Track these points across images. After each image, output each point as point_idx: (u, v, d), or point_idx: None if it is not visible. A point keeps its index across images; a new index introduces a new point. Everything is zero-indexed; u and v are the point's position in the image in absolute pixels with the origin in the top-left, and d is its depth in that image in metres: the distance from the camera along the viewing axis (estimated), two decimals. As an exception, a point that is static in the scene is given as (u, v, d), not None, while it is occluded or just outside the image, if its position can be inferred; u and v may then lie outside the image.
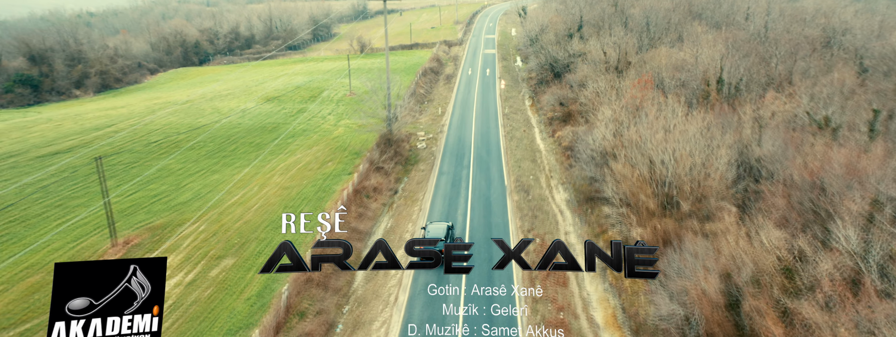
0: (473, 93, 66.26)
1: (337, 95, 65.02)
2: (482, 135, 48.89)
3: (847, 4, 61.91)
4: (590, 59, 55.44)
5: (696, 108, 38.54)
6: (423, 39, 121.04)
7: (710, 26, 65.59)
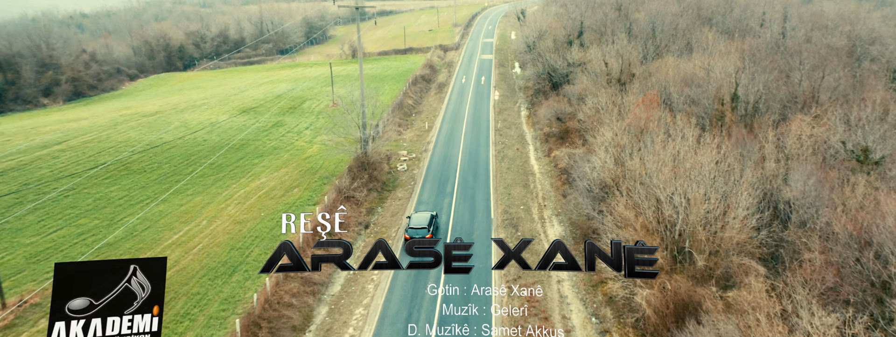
0: (465, 104, 61.85)
1: (319, 106, 60.70)
2: (471, 154, 44.48)
3: (871, 9, 57.21)
4: (590, 70, 50.97)
5: (710, 131, 34.09)
6: (419, 43, 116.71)
7: (720, 33, 61.04)
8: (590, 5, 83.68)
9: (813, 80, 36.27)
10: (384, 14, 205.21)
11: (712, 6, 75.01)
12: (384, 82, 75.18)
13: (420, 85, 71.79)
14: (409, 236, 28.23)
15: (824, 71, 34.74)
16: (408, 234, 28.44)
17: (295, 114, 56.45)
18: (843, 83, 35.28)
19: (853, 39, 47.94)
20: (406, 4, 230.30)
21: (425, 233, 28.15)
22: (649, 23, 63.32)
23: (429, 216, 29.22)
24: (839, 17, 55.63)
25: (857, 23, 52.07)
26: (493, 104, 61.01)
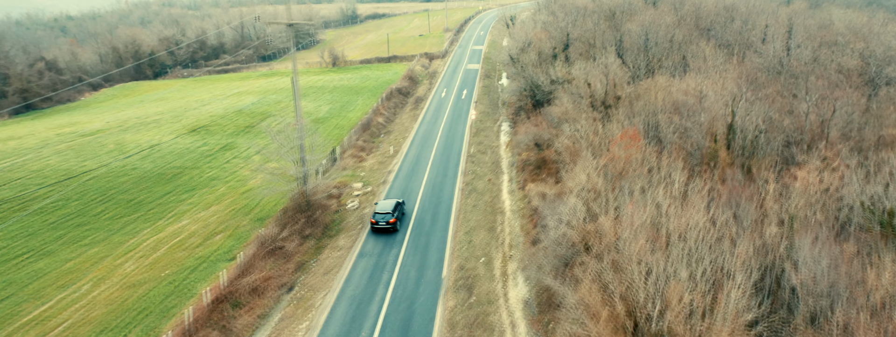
0: (440, 123, 56.87)
1: (281, 124, 55.66)
2: (434, 187, 39.49)
3: (885, 22, 52.02)
4: (572, 91, 45.99)
5: (700, 175, 29.11)
6: (405, 51, 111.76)
7: (719, 46, 56.09)
8: (581, 13, 78.76)
9: (821, 112, 31.29)
10: (377, 17, 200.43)
11: (712, 15, 70.06)
12: (359, 95, 70.24)
13: (395, 100, 66.82)
14: (375, 221, 31.70)
15: (835, 104, 29.75)
16: (374, 218, 31.84)
17: (250, 134, 51.48)
18: (856, 117, 30.30)
19: (866, 58, 42.94)
20: (401, 7, 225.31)
21: (390, 217, 31.74)
22: (642, 35, 58.37)
23: (394, 203, 32.95)
24: (849, 30, 50.61)
25: (870, 38, 47.07)
26: (469, 124, 56.01)
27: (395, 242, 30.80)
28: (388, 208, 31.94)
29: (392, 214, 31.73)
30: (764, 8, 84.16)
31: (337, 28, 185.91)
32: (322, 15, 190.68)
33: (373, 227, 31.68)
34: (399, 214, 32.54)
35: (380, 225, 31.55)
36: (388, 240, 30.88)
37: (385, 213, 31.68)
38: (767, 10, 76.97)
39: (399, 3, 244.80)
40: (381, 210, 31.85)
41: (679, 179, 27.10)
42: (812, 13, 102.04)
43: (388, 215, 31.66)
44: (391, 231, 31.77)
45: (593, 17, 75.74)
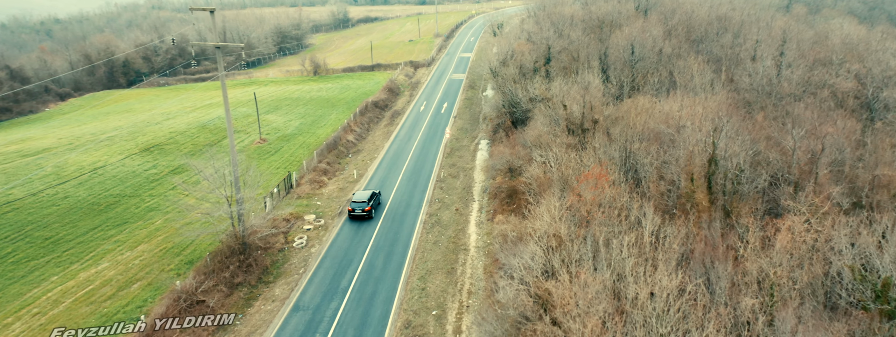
0: (413, 142, 53.69)
1: (245, 141, 52.55)
2: (395, 220, 36.29)
3: (884, 37, 48.75)
4: (548, 113, 42.79)
5: (675, 220, 25.91)
6: (391, 58, 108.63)
7: (709, 61, 52.87)
8: (568, 22, 75.61)
9: (811, 146, 28.08)
10: (369, 21, 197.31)
11: (704, 24, 66.78)
12: (334, 108, 67.05)
13: (371, 114, 63.63)
14: (352, 209, 35.75)
15: (824, 141, 26.56)
16: (350, 207, 35.90)
17: (208, 153, 48.15)
18: (848, 154, 27.11)
19: (863, 80, 39.75)
20: (394, 10, 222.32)
21: (365, 206, 35.73)
22: (628, 48, 55.22)
23: (370, 193, 37.00)
24: (845, 46, 47.41)
25: (867, 56, 43.83)
26: (444, 144, 52.78)
27: (337, 291, 27.57)
28: (364, 198, 36.30)
29: (367, 203, 35.96)
30: (760, 16, 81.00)
31: (328, 32, 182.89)
32: (312, 18, 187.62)
33: (350, 214, 35.91)
34: (374, 203, 36.78)
35: (356, 213, 35.72)
36: (329, 291, 27.61)
37: (361, 201, 35.98)
38: (762, 20, 73.80)
39: (393, 6, 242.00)
40: (358, 199, 36.13)
41: (649, 229, 23.92)
42: (810, 21, 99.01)
43: (363, 204, 35.94)
44: (366, 219, 35.88)
45: (580, 27, 72.63)
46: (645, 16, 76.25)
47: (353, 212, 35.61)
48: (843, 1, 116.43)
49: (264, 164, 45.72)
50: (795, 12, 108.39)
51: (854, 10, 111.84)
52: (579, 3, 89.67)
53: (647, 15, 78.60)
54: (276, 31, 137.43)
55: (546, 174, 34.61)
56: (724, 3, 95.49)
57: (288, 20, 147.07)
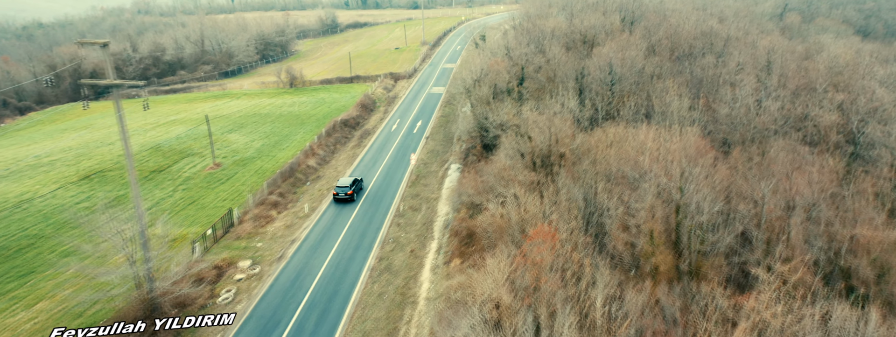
0: (379, 167, 50.49)
1: (199, 165, 49.26)
2: (338, 266, 33.08)
3: (871, 61, 45.56)
4: (512, 145, 39.60)
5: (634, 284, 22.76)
6: (374, 68, 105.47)
7: (690, 84, 49.76)
8: (549, 37, 72.50)
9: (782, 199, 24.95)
10: (358, 26, 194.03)
11: (690, 39, 63.62)
12: (303, 126, 63.83)
13: (339, 134, 60.42)
14: (336, 193, 41.77)
15: (796, 195, 23.44)
16: (335, 191, 41.89)
17: (154, 181, 45.02)
18: (824, 209, 24.00)
19: (846, 112, 36.60)
20: (384, 15, 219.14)
21: (347, 190, 41.80)
22: (606, 68, 52.12)
23: (352, 180, 42.84)
24: (831, 71, 44.23)
25: (852, 85, 40.65)
26: (410, 170, 49.56)
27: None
28: (347, 183, 42.43)
29: (350, 187, 42.08)
30: (749, 29, 78.07)
31: (316, 37, 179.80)
32: (300, 24, 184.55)
33: (335, 197, 41.91)
34: (357, 188, 43.06)
35: (340, 196, 41.77)
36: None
37: (344, 186, 42.16)
38: (750, 35, 70.87)
39: (384, 9, 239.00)
40: (342, 184, 42.35)
41: (601, 300, 20.77)
42: (803, 31, 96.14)
43: (346, 188, 42.05)
44: (349, 201, 41.91)
45: (562, 41, 69.55)
46: (631, 29, 73.25)
47: (338, 196, 41.75)
48: (838, 9, 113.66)
49: (211, 194, 42.48)
50: (789, 21, 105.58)
51: (849, 19, 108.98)
52: (564, 13, 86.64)
53: (633, 28, 75.64)
54: (258, 38, 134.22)
55: (503, 217, 31.50)
56: (714, 15, 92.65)
57: (272, 27, 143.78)
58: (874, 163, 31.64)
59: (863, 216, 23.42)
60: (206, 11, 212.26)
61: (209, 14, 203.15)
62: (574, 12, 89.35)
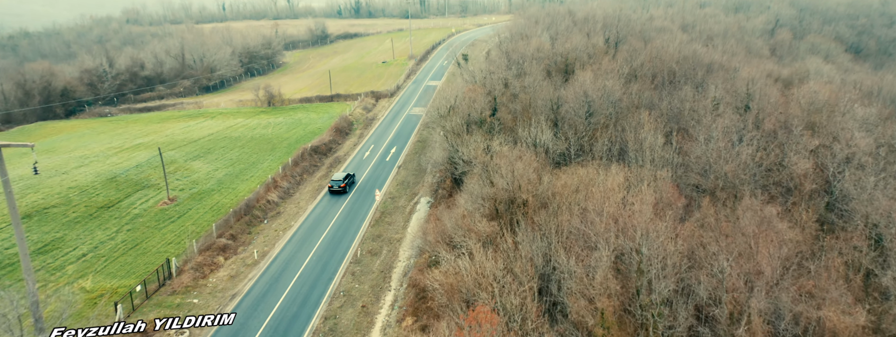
0: (343, 202, 48.11)
1: (152, 200, 46.78)
2: (279, 326, 30.60)
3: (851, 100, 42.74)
4: (476, 187, 37.27)
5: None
6: (358, 83, 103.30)
7: (668, 118, 47.56)
8: (531, 58, 70.41)
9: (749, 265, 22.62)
10: (348, 37, 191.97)
11: (672, 63, 61.45)
12: (273, 152, 61.46)
13: (307, 163, 58.05)
14: (331, 185, 48.81)
15: (753, 283, 21.11)
16: (330, 184, 48.90)
17: (99, 220, 42.53)
18: (791, 289, 21.69)
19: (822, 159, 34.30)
20: (376, 25, 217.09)
21: (341, 183, 48.56)
22: (582, 97, 49.96)
23: (345, 174, 49.72)
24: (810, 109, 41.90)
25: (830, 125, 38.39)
26: (374, 207, 47.16)
27: None
28: (341, 177, 49.23)
29: (343, 180, 48.84)
30: (735, 51, 76.09)
31: (305, 48, 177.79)
32: (289, 34, 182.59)
33: (329, 190, 49.05)
34: (349, 182, 49.79)
35: (335, 188, 48.75)
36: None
37: (338, 180, 48.99)
38: (736, 58, 68.89)
39: (376, 19, 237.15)
40: (336, 178, 49.27)
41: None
42: (793, 48, 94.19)
43: (339, 181, 48.89)
44: (342, 192, 48.91)
45: (543, 64, 67.50)
46: (615, 50, 71.23)
47: (332, 188, 48.62)
48: (831, 25, 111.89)
49: (156, 236, 40.02)
50: (779, 38, 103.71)
51: (841, 36, 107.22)
52: (549, 33, 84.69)
53: (618, 48, 73.62)
54: (243, 51, 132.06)
55: (457, 275, 29.14)
56: (703, 33, 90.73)
57: (258, 39, 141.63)
58: (848, 217, 29.42)
59: (830, 295, 21.12)
60: (197, 20, 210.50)
61: (199, 23, 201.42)
62: (559, 31, 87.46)
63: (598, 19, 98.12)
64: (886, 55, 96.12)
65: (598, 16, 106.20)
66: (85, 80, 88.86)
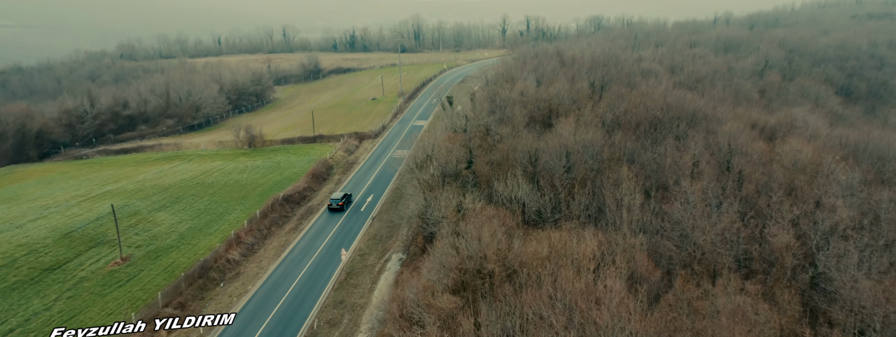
0: (308, 261, 45.50)
1: (104, 260, 44.09)
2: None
3: (835, 160, 40.11)
4: (441, 253, 34.84)
5: None
6: (345, 122, 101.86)
7: (648, 175, 45.48)
8: (513, 102, 69.00)
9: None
10: (341, 72, 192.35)
11: (657, 108, 59.73)
12: (244, 201, 59.06)
13: (277, 214, 55.60)
14: (330, 203, 55.23)
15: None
16: (330, 202, 55.48)
17: (40, 285, 39.74)
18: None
19: (803, 232, 31.93)
20: (370, 59, 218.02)
21: (339, 201, 55.01)
22: (562, 150, 48.08)
23: (343, 194, 56.58)
24: (793, 168, 39.77)
25: (814, 191, 36.19)
26: (340, 268, 44.50)
27: None
28: (339, 196, 55.18)
29: (341, 199, 54.55)
30: (723, 97, 74.88)
31: (297, 83, 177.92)
32: (282, 69, 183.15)
33: (329, 207, 54.67)
34: (346, 201, 55.59)
35: (333, 206, 54.39)
36: None
37: (336, 199, 54.95)
38: (724, 104, 67.53)
39: (370, 53, 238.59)
40: (335, 197, 55.29)
41: None
42: (779, 94, 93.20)
43: (338, 200, 54.69)
44: (340, 210, 54.46)
45: (526, 110, 65.98)
46: (599, 97, 69.88)
47: (331, 206, 54.39)
48: (820, 67, 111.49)
49: (98, 305, 37.22)
50: (769, 80, 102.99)
51: (831, 78, 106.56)
52: (535, 75, 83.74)
53: (604, 92, 72.37)
54: (232, 87, 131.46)
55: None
56: (690, 75, 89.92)
57: (248, 75, 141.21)
58: (832, 298, 26.93)
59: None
60: (191, 54, 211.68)
61: (194, 57, 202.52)
62: (545, 73, 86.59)
63: (585, 60, 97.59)
64: (877, 98, 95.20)
65: (586, 56, 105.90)
66: (63, 120, 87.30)
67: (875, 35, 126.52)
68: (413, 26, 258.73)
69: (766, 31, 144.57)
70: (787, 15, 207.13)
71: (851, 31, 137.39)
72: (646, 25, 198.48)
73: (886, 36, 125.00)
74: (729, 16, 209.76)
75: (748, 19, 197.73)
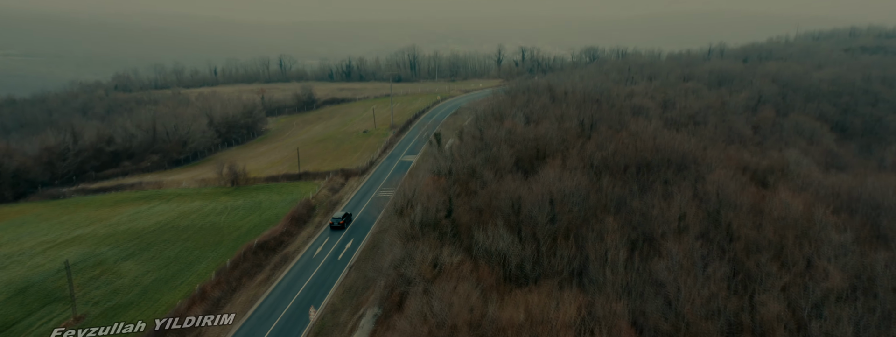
0: (274, 320, 42.75)
1: (51, 322, 41.29)
2: None
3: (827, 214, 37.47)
4: (409, 317, 32.33)
5: None
6: (334, 157, 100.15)
7: (632, 225, 43.19)
8: (501, 141, 67.24)
9: None
10: (335, 102, 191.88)
11: (645, 154, 57.96)
12: (218, 247, 56.59)
13: (249, 263, 53.02)
14: (332, 222, 59.86)
15: None
16: (332, 221, 59.88)
17: (-14, 350, 36.97)
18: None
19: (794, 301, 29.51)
20: (365, 89, 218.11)
21: (340, 220, 59.76)
22: (546, 198, 45.95)
23: (344, 213, 61.28)
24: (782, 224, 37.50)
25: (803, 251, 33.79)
26: (308, 330, 41.70)
27: None
28: (340, 215, 60.11)
29: (342, 218, 59.50)
30: (714, 138, 73.21)
31: (290, 114, 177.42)
32: (276, 99, 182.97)
33: (331, 226, 59.60)
34: (346, 219, 60.23)
35: (335, 225, 59.42)
36: None
37: (338, 218, 59.85)
38: (715, 145, 65.74)
39: (366, 83, 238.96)
40: (336, 216, 60.25)
41: None
42: (773, 131, 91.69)
43: (339, 219, 59.68)
44: (341, 228, 59.32)
45: (513, 150, 64.12)
46: (588, 137, 68.24)
47: (333, 224, 58.77)
48: (814, 102, 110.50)
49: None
50: (762, 115, 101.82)
51: (825, 114, 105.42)
52: (523, 113, 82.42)
53: (593, 132, 70.79)
54: (222, 120, 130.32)
55: None
56: (682, 112, 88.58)
57: (239, 107, 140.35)
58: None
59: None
60: (187, 85, 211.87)
61: (189, 88, 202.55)
62: (534, 110, 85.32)
63: (577, 95, 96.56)
64: (872, 135, 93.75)
65: (578, 90, 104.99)
66: (43, 158, 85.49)
67: (869, 70, 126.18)
68: (409, 56, 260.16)
69: (760, 65, 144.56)
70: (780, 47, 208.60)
71: (845, 65, 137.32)
72: (640, 57, 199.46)
73: (880, 71, 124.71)
74: (723, 47, 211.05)
75: (742, 51, 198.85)
